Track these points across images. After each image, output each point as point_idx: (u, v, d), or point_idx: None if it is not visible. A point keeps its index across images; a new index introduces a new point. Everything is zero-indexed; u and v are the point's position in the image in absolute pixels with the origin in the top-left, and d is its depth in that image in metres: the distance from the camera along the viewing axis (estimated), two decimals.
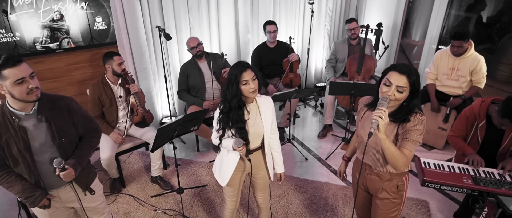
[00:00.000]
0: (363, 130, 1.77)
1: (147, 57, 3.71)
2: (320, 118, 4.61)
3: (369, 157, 1.81)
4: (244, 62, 1.84)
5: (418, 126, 1.59)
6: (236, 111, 1.87)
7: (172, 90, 4.06)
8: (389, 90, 1.55)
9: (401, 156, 1.57)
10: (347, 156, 2.20)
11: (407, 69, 1.54)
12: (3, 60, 1.50)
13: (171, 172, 3.40)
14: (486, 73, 3.39)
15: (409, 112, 1.61)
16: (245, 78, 1.78)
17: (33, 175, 1.72)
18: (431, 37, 4.71)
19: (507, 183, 2.15)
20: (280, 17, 4.56)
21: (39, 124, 1.68)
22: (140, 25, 3.53)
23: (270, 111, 2.02)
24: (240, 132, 1.91)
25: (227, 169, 2.10)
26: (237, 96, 1.83)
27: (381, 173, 1.80)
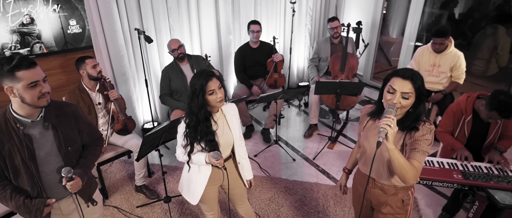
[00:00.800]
0: (366, 140, 1.67)
1: (126, 61, 3.55)
2: (304, 117, 4.60)
3: (372, 170, 1.66)
4: (209, 71, 1.74)
5: (427, 136, 1.50)
6: (204, 123, 1.77)
7: (154, 95, 3.91)
8: (393, 97, 1.46)
9: (411, 168, 1.45)
10: (348, 168, 2.09)
11: (411, 74, 1.45)
12: (18, 61, 1.41)
13: (156, 180, 3.27)
14: (465, 69, 3.48)
15: (416, 119, 1.52)
16: (211, 87, 1.69)
17: (36, 187, 1.59)
18: (409, 34, 4.81)
19: (495, 176, 2.20)
20: (262, 17, 4.51)
21: (46, 131, 1.58)
22: (117, 27, 3.38)
23: (236, 117, 1.96)
24: (211, 144, 1.80)
25: (198, 185, 1.98)
26: (204, 107, 1.74)
27: (385, 186, 1.69)
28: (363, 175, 1.81)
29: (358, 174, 1.90)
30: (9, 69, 1.40)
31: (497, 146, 2.40)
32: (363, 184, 1.79)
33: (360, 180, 1.85)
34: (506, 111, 2.18)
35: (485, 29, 4.48)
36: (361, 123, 1.78)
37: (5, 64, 1.41)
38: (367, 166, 1.71)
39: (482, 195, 2.11)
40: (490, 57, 4.41)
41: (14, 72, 1.41)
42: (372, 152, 1.60)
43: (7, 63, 1.41)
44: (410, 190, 1.72)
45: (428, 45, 3.57)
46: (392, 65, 6.17)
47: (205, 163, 1.85)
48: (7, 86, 1.44)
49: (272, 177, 3.30)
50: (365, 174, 1.76)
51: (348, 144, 3.87)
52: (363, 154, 1.74)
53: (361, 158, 1.79)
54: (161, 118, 4.07)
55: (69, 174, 1.57)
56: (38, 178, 1.58)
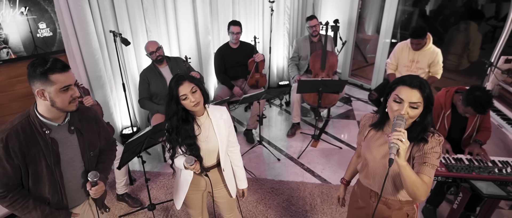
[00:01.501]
0: (369, 152, 1.56)
1: (101, 65, 3.40)
2: (286, 116, 4.59)
3: (375, 182, 1.59)
4: (180, 75, 1.65)
5: (436, 148, 1.40)
6: (183, 127, 1.71)
7: (132, 99, 3.78)
8: (401, 108, 1.35)
9: (422, 185, 1.34)
10: (346, 179, 1.97)
11: (419, 82, 1.34)
12: (51, 64, 1.36)
13: (138, 187, 3.16)
14: (442, 65, 3.59)
15: (424, 130, 1.41)
16: (182, 92, 1.62)
17: (58, 194, 1.53)
18: (385, 31, 4.91)
19: (476, 167, 2.27)
20: (240, 17, 4.47)
21: (70, 136, 1.54)
22: (91, 30, 3.23)
23: (224, 122, 1.83)
24: (190, 148, 1.75)
25: (181, 189, 1.92)
26: (178, 114, 1.68)
27: (390, 201, 1.58)
28: (364, 189, 1.68)
29: (359, 187, 1.75)
30: (42, 71, 1.34)
31: (477, 139, 2.47)
32: (365, 198, 1.69)
33: (361, 194, 1.72)
34: (480, 107, 2.25)
35: (458, 25, 4.64)
36: (361, 132, 1.67)
37: (38, 66, 1.35)
38: (369, 179, 1.61)
39: (465, 186, 2.17)
40: (462, 52, 4.59)
41: (47, 75, 1.35)
42: (375, 165, 1.53)
43: (40, 65, 1.35)
44: (415, 204, 1.63)
45: (407, 41, 3.65)
46: (369, 62, 6.31)
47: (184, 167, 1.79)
48: (38, 89, 1.37)
49: (258, 178, 3.26)
50: (367, 187, 1.65)
51: (331, 141, 3.90)
52: (365, 166, 1.62)
53: (362, 170, 1.67)
54: (140, 123, 3.94)
55: (95, 179, 1.53)
56: (61, 184, 1.52)
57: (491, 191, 2.03)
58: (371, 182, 1.60)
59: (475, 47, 4.46)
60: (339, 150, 3.76)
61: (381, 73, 5.09)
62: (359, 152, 1.79)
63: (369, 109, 4.71)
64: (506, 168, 2.24)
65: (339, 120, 4.44)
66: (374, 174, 1.56)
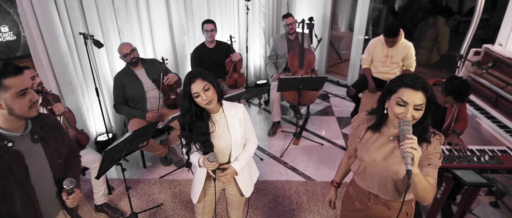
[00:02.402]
0: (367, 154, 1.51)
1: (71, 69, 3.22)
2: (266, 115, 4.57)
3: (374, 185, 1.55)
4: (193, 73, 1.63)
5: (438, 148, 1.39)
6: (197, 123, 1.70)
7: (106, 104, 3.60)
8: (406, 111, 1.30)
9: (431, 188, 1.33)
10: (337, 181, 1.90)
11: (422, 84, 1.28)
12: (2, 68, 1.25)
13: (117, 196, 3.01)
14: (415, 58, 3.70)
15: (425, 131, 1.38)
16: (195, 90, 1.61)
17: (32, 210, 1.40)
18: (359, 29, 5.00)
19: (457, 157, 2.34)
20: (215, 16, 4.39)
21: (35, 145, 1.42)
22: (58, 33, 3.04)
23: (239, 119, 1.79)
24: (204, 145, 1.73)
25: (196, 185, 1.92)
26: (191, 111, 1.68)
27: (390, 202, 1.55)
28: (362, 191, 1.63)
29: (355, 189, 1.70)
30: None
31: (455, 129, 2.56)
32: (363, 200, 1.64)
33: (358, 196, 1.67)
34: (460, 95, 2.33)
35: (427, 20, 4.81)
36: (355, 135, 1.61)
37: None
38: (367, 182, 1.57)
39: (447, 176, 2.23)
40: (432, 46, 4.76)
41: (0, 81, 1.24)
42: (375, 167, 1.50)
43: None
44: (413, 201, 1.62)
45: (380, 37, 3.73)
46: (342, 58, 6.41)
47: (199, 166, 1.79)
48: None
49: None
50: (366, 190, 1.60)
51: (312, 138, 3.92)
52: (363, 169, 1.56)
53: (359, 173, 1.61)
54: (116, 129, 3.77)
55: (71, 186, 1.44)
56: (34, 199, 1.40)
57: (473, 179, 2.10)
58: (370, 184, 1.56)
59: (444, 40, 4.64)
60: (320, 146, 3.77)
61: (356, 69, 5.18)
62: (351, 153, 1.75)
63: (347, 105, 4.79)
64: (484, 156, 2.33)
65: (318, 117, 4.48)
66: (374, 177, 1.52)
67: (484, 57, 3.35)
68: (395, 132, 1.45)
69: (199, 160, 1.76)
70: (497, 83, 3.01)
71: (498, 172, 2.25)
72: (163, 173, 3.30)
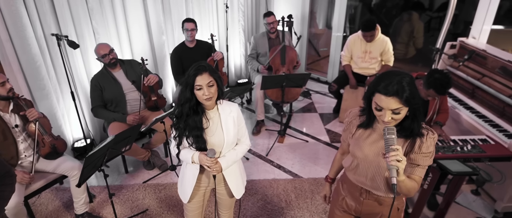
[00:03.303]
0: (359, 150, 1.50)
1: (44, 73, 3.05)
2: (248, 114, 4.53)
3: (367, 180, 1.54)
4: (202, 65, 1.61)
5: (431, 148, 1.37)
6: (193, 117, 1.66)
7: (82, 108, 3.44)
8: (384, 115, 1.30)
9: (415, 186, 1.37)
10: (331, 177, 1.90)
11: (394, 90, 1.24)
12: None
13: (99, 204, 2.88)
14: (393, 52, 3.77)
15: (413, 133, 1.35)
16: (199, 83, 1.58)
17: None
18: (337, 26, 5.04)
19: (441, 147, 2.39)
20: (194, 15, 4.29)
21: None
22: (29, 34, 2.87)
23: (233, 118, 1.77)
24: (197, 140, 1.69)
25: (188, 184, 1.86)
26: (191, 102, 1.64)
27: (381, 198, 1.56)
28: (354, 186, 1.62)
29: (347, 184, 1.69)
30: None
31: (437, 121, 2.62)
32: (354, 194, 1.64)
33: (350, 190, 1.66)
34: (441, 88, 2.39)
35: (401, 15, 4.93)
36: (348, 130, 1.60)
37: None
38: (360, 177, 1.56)
39: (433, 166, 2.27)
40: (408, 41, 4.88)
41: None
42: (367, 163, 1.49)
43: None
44: (404, 197, 1.63)
45: (358, 33, 3.78)
46: (321, 55, 6.48)
47: (191, 162, 1.73)
48: None
49: None
50: (358, 185, 1.60)
51: (297, 135, 3.92)
52: (355, 164, 1.56)
53: (351, 168, 1.60)
54: (94, 134, 3.61)
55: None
56: None
57: (458, 168, 2.15)
58: (363, 180, 1.55)
59: (419, 34, 4.78)
60: (305, 143, 3.78)
61: (336, 66, 5.24)
62: (344, 149, 1.74)
63: (328, 101, 4.83)
64: (466, 146, 2.39)
65: (301, 114, 4.48)
66: (366, 172, 1.52)
67: (460, 50, 3.46)
68: None
69: (193, 156, 1.71)
70: (473, 75, 3.12)
71: (480, 160, 2.31)
72: (147, 178, 3.19)
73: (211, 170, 1.70)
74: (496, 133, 2.57)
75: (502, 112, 2.76)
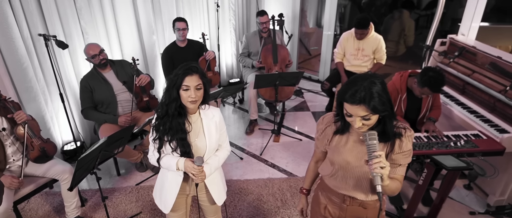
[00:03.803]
0: (339, 156, 1.45)
1: (31, 75, 2.96)
2: (241, 114, 4.50)
3: (349, 187, 1.49)
4: (194, 66, 1.55)
5: (409, 146, 1.36)
6: (176, 119, 1.59)
7: (72, 110, 3.36)
8: (354, 121, 1.27)
9: (399, 186, 1.38)
10: (306, 188, 1.81)
11: (360, 98, 1.20)
12: None
13: (91, 208, 2.81)
14: (385, 51, 3.80)
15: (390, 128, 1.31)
16: (187, 83, 1.52)
17: None
18: (328, 24, 5.06)
19: (435, 143, 2.41)
20: (185, 14, 4.24)
21: None
22: (15, 35, 2.78)
23: (215, 123, 1.71)
24: (182, 144, 1.62)
25: (169, 192, 1.76)
26: (176, 102, 1.56)
27: (365, 202, 1.52)
28: (336, 194, 1.56)
29: (328, 192, 1.61)
30: None
31: (430, 117, 2.64)
32: (337, 202, 1.58)
33: (331, 199, 1.60)
34: (436, 85, 2.40)
35: (392, 13, 4.96)
36: (323, 138, 1.52)
37: None
38: (342, 184, 1.51)
39: (429, 162, 2.29)
40: (399, 39, 4.92)
41: None
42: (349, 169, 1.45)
43: None
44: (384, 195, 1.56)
45: (351, 31, 3.79)
46: (312, 54, 6.49)
47: (176, 169, 1.64)
48: None
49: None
50: (340, 192, 1.54)
51: (291, 134, 3.91)
52: (337, 171, 1.50)
53: (331, 176, 1.53)
54: (84, 136, 3.53)
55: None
56: None
57: (453, 163, 2.17)
58: (345, 186, 1.50)
59: (410, 33, 4.82)
60: (299, 142, 3.77)
61: (327, 64, 5.25)
62: (318, 157, 1.67)
63: (320, 99, 4.84)
64: (460, 141, 2.42)
65: (294, 113, 4.48)
66: (348, 179, 1.47)
67: (450, 47, 3.50)
68: None
69: (178, 163, 1.62)
70: (464, 71, 3.15)
71: (474, 155, 2.34)
72: (139, 180, 3.14)
73: (195, 178, 1.61)
74: (488, 128, 2.60)
75: (493, 107, 2.80)
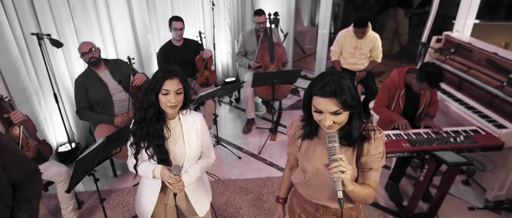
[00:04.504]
0: (309, 163, 1.38)
1: (24, 75, 2.89)
2: (238, 113, 4.47)
3: (322, 195, 1.41)
4: (174, 69, 1.47)
5: (380, 148, 1.27)
6: (154, 125, 1.52)
7: (66, 111, 3.29)
8: (324, 118, 1.18)
9: (371, 193, 1.27)
10: (282, 197, 1.72)
11: (330, 90, 1.14)
12: None
13: (88, 210, 2.76)
14: (382, 49, 3.81)
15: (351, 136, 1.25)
16: (167, 87, 1.45)
17: None
18: (323, 23, 5.05)
19: (435, 139, 2.42)
20: (180, 13, 4.20)
21: None
22: (7, 34, 2.71)
23: (196, 130, 1.63)
24: (158, 150, 1.55)
25: (148, 201, 1.70)
26: (155, 107, 1.50)
27: (339, 210, 1.43)
28: (309, 203, 1.48)
29: (301, 200, 1.53)
30: None
31: (428, 113, 2.65)
32: (310, 212, 1.50)
33: (304, 208, 1.52)
34: (434, 81, 2.41)
35: (387, 12, 4.99)
36: (293, 144, 1.46)
37: None
38: (314, 193, 1.43)
39: (429, 158, 2.29)
40: (393, 37, 4.95)
41: None
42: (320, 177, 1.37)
43: None
44: (360, 204, 1.50)
45: (349, 29, 3.79)
46: (306, 53, 6.50)
47: (152, 177, 1.57)
48: None
49: (222, 179, 3.09)
50: (313, 202, 1.46)
51: None
52: (307, 180, 1.43)
53: (303, 184, 1.46)
54: (79, 137, 3.46)
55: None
56: None
57: (454, 159, 2.17)
58: (317, 195, 1.43)
59: (404, 31, 4.85)
60: None
61: (323, 63, 5.25)
62: (292, 164, 1.61)
63: None
64: (459, 137, 2.43)
65: (291, 111, 4.47)
66: (320, 187, 1.40)
67: (445, 44, 3.53)
68: None
69: (154, 170, 1.55)
70: (460, 68, 3.18)
71: (473, 150, 2.36)
72: (137, 181, 3.08)
73: (172, 188, 1.53)
74: (486, 123, 2.62)
75: (489, 103, 2.82)
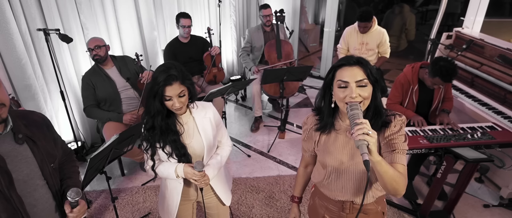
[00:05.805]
0: (330, 157, 1.32)
1: (30, 72, 2.83)
2: (244, 111, 4.42)
3: (347, 191, 1.35)
4: (172, 74, 1.39)
5: (402, 130, 1.22)
6: (165, 121, 1.49)
7: (72, 109, 3.23)
8: (351, 92, 1.14)
9: (401, 177, 1.15)
10: (297, 196, 1.66)
11: (356, 59, 1.18)
12: None
13: (98, 210, 2.70)
14: (389, 44, 3.77)
15: (379, 113, 1.22)
16: (169, 93, 1.40)
17: None
18: (329, 21, 5.01)
19: (452, 136, 2.37)
20: (186, 9, 4.14)
21: (20, 147, 1.19)
22: (13, 30, 2.65)
23: (210, 120, 1.60)
24: (175, 146, 1.51)
25: (171, 201, 1.67)
26: (163, 113, 1.47)
27: (367, 207, 1.37)
28: (333, 202, 1.42)
29: (324, 201, 1.47)
30: None
31: (444, 108, 2.61)
32: (334, 211, 1.44)
33: (329, 208, 1.45)
34: (447, 75, 2.37)
35: (393, 8, 4.95)
36: (310, 139, 1.41)
37: None
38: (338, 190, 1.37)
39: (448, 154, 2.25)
40: (400, 33, 4.91)
41: None
42: (344, 170, 1.32)
43: None
44: (384, 198, 1.46)
45: (354, 25, 3.75)
46: (310, 51, 6.45)
47: (175, 176, 1.53)
48: None
49: (233, 178, 3.04)
50: (338, 200, 1.39)
51: (297, 130, 3.85)
52: (328, 176, 1.36)
53: (323, 182, 1.40)
54: (86, 136, 3.40)
55: (77, 198, 1.20)
56: (22, 212, 1.16)
57: (473, 155, 2.13)
58: (342, 191, 1.36)
59: (411, 26, 4.81)
60: None
61: (329, 60, 5.22)
62: (307, 161, 1.55)
63: None
64: (476, 133, 2.39)
65: (298, 109, 4.43)
66: (344, 181, 1.34)
67: (456, 40, 3.49)
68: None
69: (177, 169, 1.52)
70: (472, 64, 3.14)
71: (491, 147, 2.31)
72: (145, 180, 3.04)
73: (199, 184, 1.53)
74: (502, 119, 2.58)
75: (503, 99, 2.79)
